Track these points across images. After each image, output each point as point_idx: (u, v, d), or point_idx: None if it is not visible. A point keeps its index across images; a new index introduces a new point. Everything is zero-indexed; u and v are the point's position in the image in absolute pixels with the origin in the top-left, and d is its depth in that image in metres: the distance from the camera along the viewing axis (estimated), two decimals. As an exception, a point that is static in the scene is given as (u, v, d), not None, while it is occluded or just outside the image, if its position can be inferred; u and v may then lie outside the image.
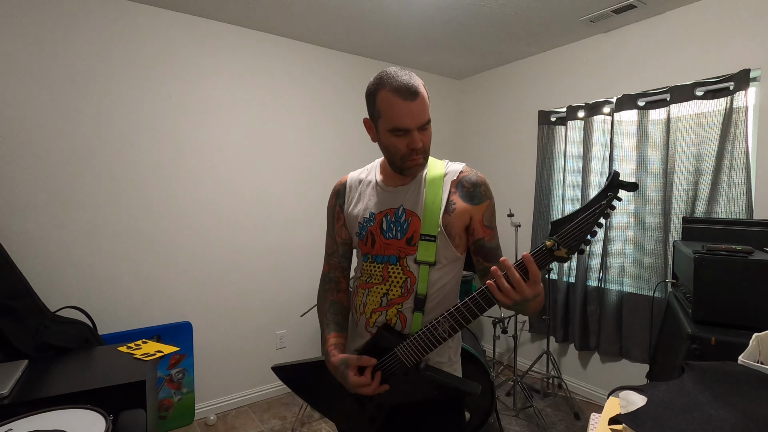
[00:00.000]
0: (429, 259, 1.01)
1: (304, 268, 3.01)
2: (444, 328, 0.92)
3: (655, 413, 0.71)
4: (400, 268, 1.03)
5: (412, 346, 0.95)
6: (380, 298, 1.05)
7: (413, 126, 0.96)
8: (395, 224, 1.05)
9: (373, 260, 1.07)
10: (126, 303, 2.37)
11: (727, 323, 1.29)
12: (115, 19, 2.28)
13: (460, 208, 1.03)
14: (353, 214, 1.12)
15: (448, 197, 1.04)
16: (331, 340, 1.09)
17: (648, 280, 2.57)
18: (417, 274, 1.01)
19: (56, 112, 2.15)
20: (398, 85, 0.94)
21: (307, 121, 3.00)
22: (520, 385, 2.66)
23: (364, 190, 1.13)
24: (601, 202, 0.80)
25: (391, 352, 0.98)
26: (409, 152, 0.99)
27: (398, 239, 1.04)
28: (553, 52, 3.10)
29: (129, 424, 1.24)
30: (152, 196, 2.43)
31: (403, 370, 0.97)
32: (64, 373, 1.57)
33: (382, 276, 1.05)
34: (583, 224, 0.81)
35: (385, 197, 1.08)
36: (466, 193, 1.05)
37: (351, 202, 1.14)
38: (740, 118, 2.16)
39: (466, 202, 1.04)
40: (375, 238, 1.07)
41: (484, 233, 1.05)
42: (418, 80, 0.97)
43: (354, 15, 2.51)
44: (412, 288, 1.02)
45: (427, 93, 0.99)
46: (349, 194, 1.16)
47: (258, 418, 2.64)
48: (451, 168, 1.08)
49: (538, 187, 3.15)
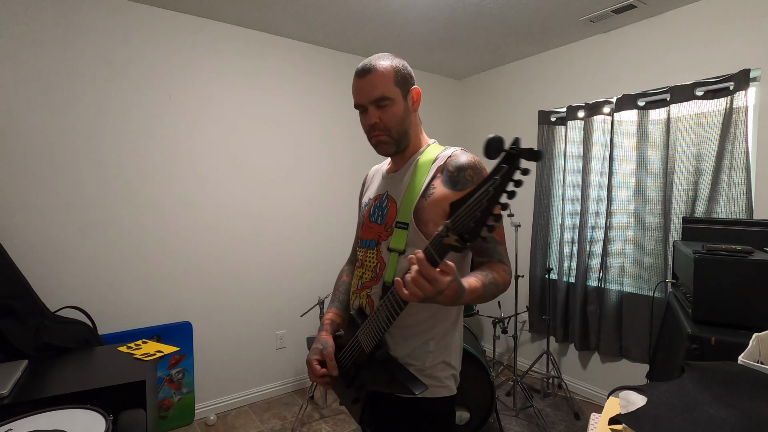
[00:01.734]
0: (399, 246, 0.98)
1: (304, 268, 3.01)
2: (382, 316, 0.91)
3: (655, 413, 0.71)
4: (375, 253, 1.05)
5: (368, 330, 0.98)
6: (357, 281, 1.10)
7: (364, 101, 1.00)
8: (378, 209, 1.08)
9: (361, 244, 1.12)
10: (126, 303, 2.37)
11: (727, 323, 1.29)
12: (115, 20, 2.28)
13: (438, 194, 0.95)
14: (363, 202, 1.20)
15: (429, 182, 0.97)
16: (329, 315, 1.17)
17: (648, 280, 2.57)
18: (387, 260, 1.00)
19: (56, 113, 2.15)
20: (358, 67, 1.01)
21: (307, 121, 3.00)
22: (520, 385, 2.66)
23: (375, 178, 1.19)
24: (494, 177, 0.66)
25: (354, 336, 1.03)
26: (369, 129, 1.02)
27: (378, 224, 1.06)
28: (553, 52, 3.10)
29: (129, 424, 1.24)
30: (152, 196, 2.43)
31: (363, 355, 1.00)
32: (64, 373, 1.57)
33: (361, 260, 1.10)
34: (475, 206, 0.67)
35: (380, 184, 1.13)
36: (449, 178, 0.95)
37: (365, 191, 1.22)
38: (740, 118, 2.16)
39: (448, 187, 0.95)
40: (364, 222, 1.12)
41: None
42: (385, 61, 0.99)
43: (354, 15, 2.51)
44: (380, 274, 1.02)
45: (396, 72, 1.00)
46: (366, 184, 1.24)
47: (258, 418, 2.64)
48: (445, 152, 1.01)
49: (538, 187, 3.15)
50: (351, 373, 1.05)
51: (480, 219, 0.67)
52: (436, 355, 1.00)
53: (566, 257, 2.96)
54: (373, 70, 0.98)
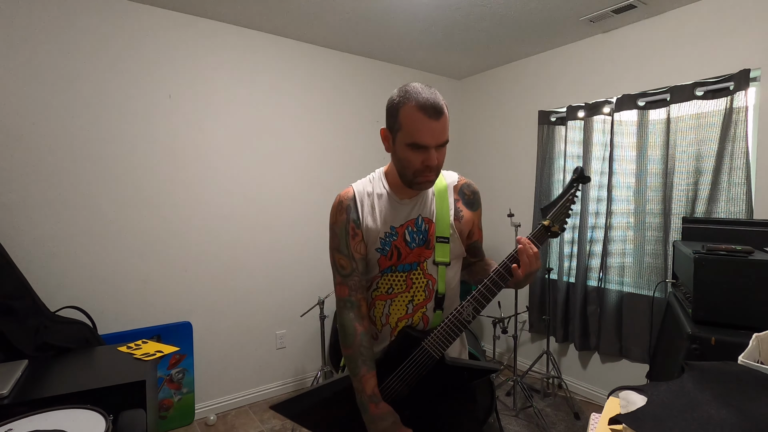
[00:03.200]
0: (444, 259, 1.09)
1: (304, 268, 3.01)
2: (468, 311, 1.01)
3: (655, 413, 0.71)
4: (421, 272, 1.09)
5: (438, 337, 1.02)
6: (405, 305, 1.09)
7: (433, 144, 0.98)
8: (417, 233, 1.09)
9: (395, 271, 1.09)
10: (126, 303, 2.37)
11: (727, 323, 1.29)
12: (116, 19, 2.28)
13: (466, 215, 1.14)
14: (372, 229, 1.08)
15: (454, 204, 1.13)
16: (372, 381, 1.03)
17: (648, 280, 2.57)
18: (436, 274, 1.08)
19: (55, 112, 2.15)
20: (424, 102, 0.95)
21: (307, 122, 3.00)
22: (520, 385, 2.66)
23: (375, 203, 1.10)
24: (570, 190, 1.03)
25: (419, 347, 1.03)
26: (423, 169, 1.01)
27: (420, 246, 1.09)
28: (553, 52, 3.10)
29: (129, 424, 1.24)
30: (152, 196, 2.43)
31: (433, 362, 1.03)
32: (64, 373, 1.57)
33: (405, 284, 1.09)
34: (564, 206, 1.03)
35: (402, 210, 1.10)
36: (468, 201, 1.16)
37: (365, 216, 1.10)
38: (740, 118, 2.16)
39: (469, 209, 1.16)
40: (401, 250, 1.09)
41: (478, 235, 1.21)
42: (442, 100, 0.99)
43: (354, 15, 2.51)
44: (433, 289, 1.09)
45: (448, 118, 1.01)
46: (362, 208, 1.10)
47: (258, 418, 2.64)
48: (450, 178, 1.17)
49: (538, 187, 3.15)
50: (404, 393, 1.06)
51: (568, 215, 1.04)
52: (463, 344, 1.19)
53: (566, 257, 2.96)
54: (444, 112, 0.98)
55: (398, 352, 1.04)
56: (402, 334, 1.06)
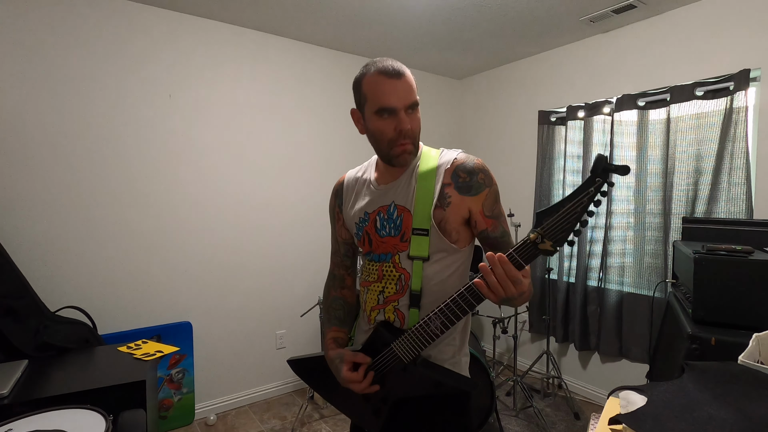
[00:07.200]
0: (422, 254, 0.97)
1: (304, 269, 3.01)
2: (436, 324, 0.90)
3: (655, 413, 0.71)
4: (392, 265, 1.01)
5: (408, 342, 0.95)
6: (377, 295, 1.05)
7: (399, 105, 0.93)
8: (388, 221, 1.02)
9: (371, 259, 1.07)
10: (126, 303, 2.37)
11: (727, 323, 1.29)
12: (115, 19, 2.28)
13: (456, 202, 0.97)
14: (350, 215, 1.11)
15: (441, 189, 0.98)
16: (330, 334, 1.13)
17: (648, 280, 2.57)
18: (410, 270, 0.99)
19: (55, 113, 2.15)
20: (383, 67, 0.94)
21: (307, 121, 3.00)
22: (520, 385, 2.66)
23: (360, 189, 1.11)
24: (588, 189, 0.75)
25: (388, 348, 0.98)
26: (397, 136, 0.95)
27: (393, 236, 1.02)
28: (553, 52, 3.10)
29: (129, 424, 1.24)
30: (152, 196, 2.43)
31: (401, 366, 0.97)
32: (64, 373, 1.57)
33: (377, 274, 1.05)
34: (569, 214, 0.76)
35: (377, 195, 1.06)
36: (463, 184, 0.98)
37: (348, 202, 1.13)
38: (740, 118, 2.16)
39: (463, 194, 0.97)
40: (371, 237, 1.05)
41: (486, 224, 0.99)
42: (405, 67, 0.97)
43: (354, 15, 2.51)
44: (406, 284, 1.00)
45: (414, 83, 0.98)
46: (346, 194, 1.14)
47: (258, 418, 2.64)
48: (446, 157, 1.02)
49: (538, 187, 3.15)
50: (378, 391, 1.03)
51: (573, 226, 0.76)
52: (459, 347, 1.06)
53: (566, 257, 2.96)
54: (405, 73, 0.94)
55: (372, 347, 1.01)
56: (375, 330, 1.02)
